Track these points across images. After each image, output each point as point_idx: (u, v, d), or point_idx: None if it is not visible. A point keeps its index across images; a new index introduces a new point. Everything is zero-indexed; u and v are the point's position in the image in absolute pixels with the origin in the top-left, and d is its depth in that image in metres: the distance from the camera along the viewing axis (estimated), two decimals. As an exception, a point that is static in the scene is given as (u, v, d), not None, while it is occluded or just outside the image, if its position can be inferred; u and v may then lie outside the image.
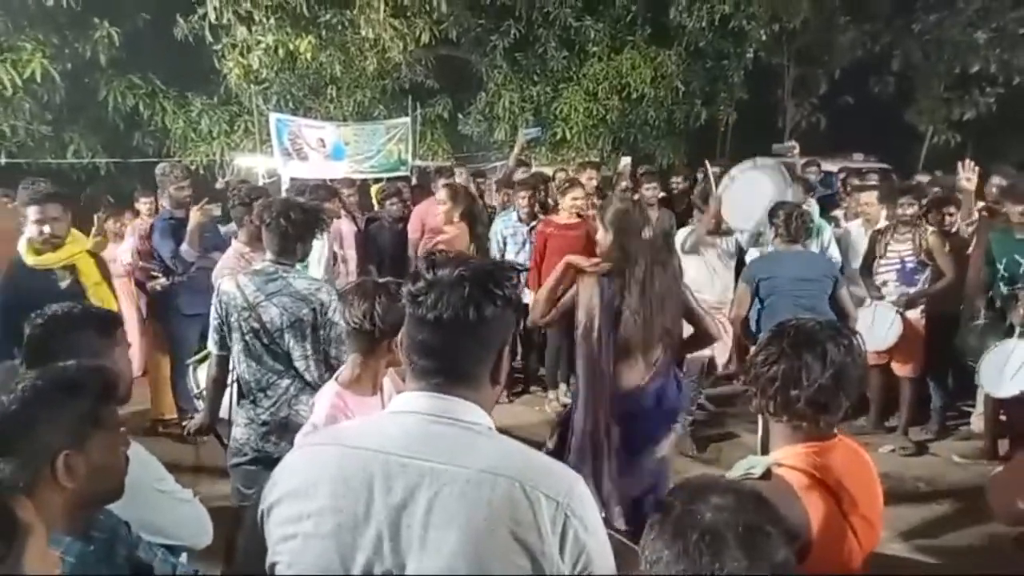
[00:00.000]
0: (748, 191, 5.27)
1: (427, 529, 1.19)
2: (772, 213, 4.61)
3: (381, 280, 2.54)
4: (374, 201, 7.58)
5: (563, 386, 5.95)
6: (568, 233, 5.55)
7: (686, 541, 1.13)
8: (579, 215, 5.65)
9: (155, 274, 5.25)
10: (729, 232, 5.47)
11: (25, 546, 1.01)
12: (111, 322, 2.14)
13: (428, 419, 1.28)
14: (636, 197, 7.05)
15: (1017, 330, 4.35)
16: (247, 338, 3.17)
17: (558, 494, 1.21)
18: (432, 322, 1.28)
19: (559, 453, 3.35)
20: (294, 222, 3.18)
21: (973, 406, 5.50)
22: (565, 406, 4.90)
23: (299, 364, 3.16)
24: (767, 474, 1.63)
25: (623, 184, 7.52)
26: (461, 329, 1.28)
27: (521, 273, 1.41)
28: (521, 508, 1.18)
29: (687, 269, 4.75)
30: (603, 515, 3.09)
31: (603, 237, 3.42)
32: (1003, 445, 5.02)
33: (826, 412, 1.70)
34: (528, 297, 4.91)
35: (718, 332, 3.62)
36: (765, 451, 1.81)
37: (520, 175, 7.51)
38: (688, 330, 3.58)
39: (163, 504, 1.93)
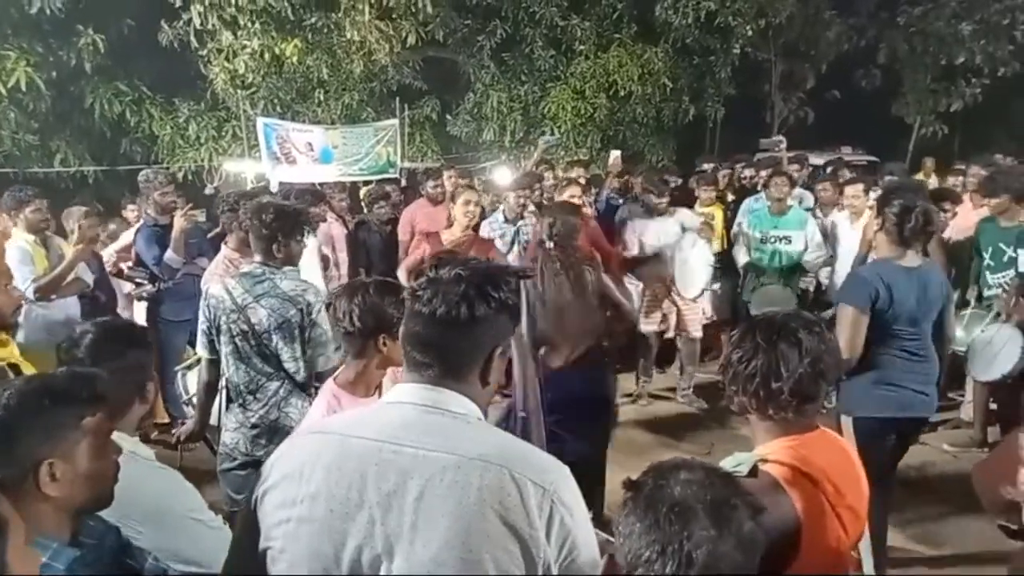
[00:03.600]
0: (692, 260, 5.67)
1: (418, 514, 1.23)
2: (885, 202, 3.42)
3: (368, 280, 2.55)
4: (363, 204, 7.57)
5: None
6: None
7: (656, 513, 1.17)
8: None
9: (140, 281, 5.23)
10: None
11: (6, 543, 1.00)
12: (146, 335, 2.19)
13: (420, 409, 1.33)
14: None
15: (1002, 317, 4.37)
16: (236, 340, 3.17)
17: (544, 481, 1.25)
18: (427, 316, 1.34)
19: None
20: (269, 223, 3.19)
21: (963, 395, 5.52)
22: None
23: (289, 366, 3.16)
24: (754, 471, 1.64)
25: (615, 183, 7.47)
26: (452, 325, 1.33)
27: (523, 279, 1.48)
28: (509, 493, 1.23)
29: None
30: None
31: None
32: (993, 433, 5.05)
33: (809, 401, 1.72)
34: None
35: (634, 313, 4.12)
36: None
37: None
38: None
39: (197, 533, 1.91)
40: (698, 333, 6.12)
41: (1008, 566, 2.43)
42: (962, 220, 5.58)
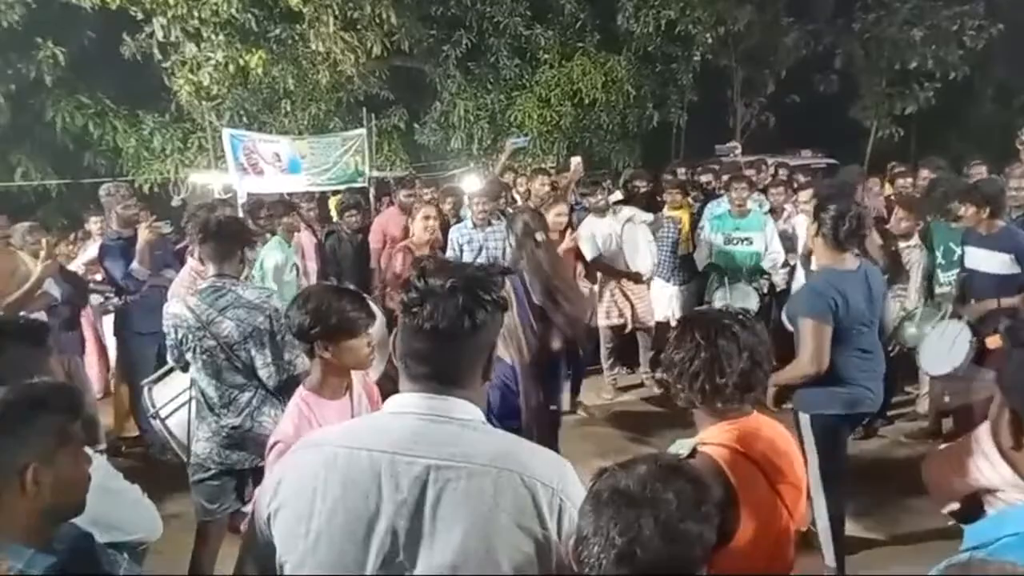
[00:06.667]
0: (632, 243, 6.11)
1: (435, 523, 1.27)
2: (820, 208, 3.55)
3: (317, 284, 2.61)
4: (333, 213, 7.59)
5: None
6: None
7: (598, 498, 1.24)
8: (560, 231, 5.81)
9: (107, 295, 5.22)
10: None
11: None
12: (42, 333, 2.21)
13: (427, 418, 1.35)
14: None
15: (950, 313, 4.54)
16: (204, 357, 3.20)
17: (552, 480, 1.31)
18: (428, 331, 1.34)
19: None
20: (217, 235, 3.25)
21: (918, 389, 5.72)
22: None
23: (262, 372, 3.20)
24: (692, 454, 1.74)
25: (579, 189, 7.58)
26: (457, 337, 1.34)
27: (506, 276, 1.52)
28: (522, 497, 1.28)
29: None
30: None
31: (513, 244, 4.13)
32: (947, 425, 5.23)
33: (750, 391, 1.83)
34: None
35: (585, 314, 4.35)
36: None
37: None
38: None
39: (116, 501, 1.99)
40: (651, 322, 6.37)
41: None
42: None
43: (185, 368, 3.39)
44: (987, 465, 1.89)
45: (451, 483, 1.28)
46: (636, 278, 6.17)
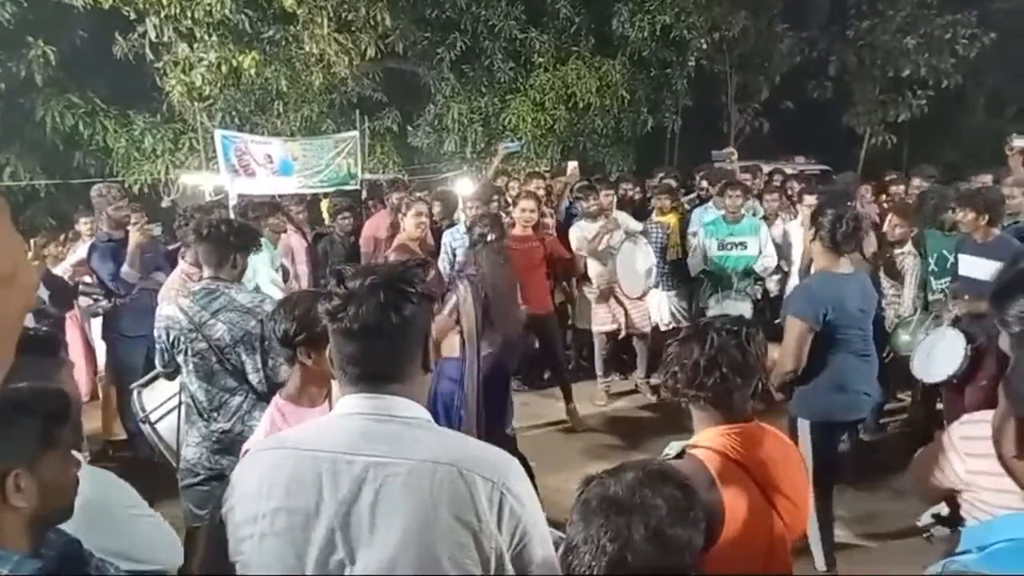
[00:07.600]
0: (629, 261, 6.00)
1: (375, 519, 1.28)
2: (819, 212, 3.63)
3: (302, 291, 2.58)
4: (324, 215, 7.54)
5: None
6: (523, 246, 5.49)
7: (587, 506, 1.25)
8: (533, 227, 5.73)
9: (96, 297, 5.16)
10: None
11: None
12: (54, 344, 2.16)
13: (369, 418, 1.36)
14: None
15: (945, 322, 4.53)
16: (195, 360, 3.17)
17: (493, 475, 1.31)
18: (357, 333, 1.35)
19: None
20: (213, 237, 3.22)
21: (911, 396, 5.71)
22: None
23: (252, 377, 3.18)
24: (680, 455, 1.72)
25: (575, 192, 7.57)
26: (386, 334, 1.35)
27: (427, 267, 1.53)
28: (460, 491, 1.28)
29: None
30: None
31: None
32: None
33: (736, 392, 1.82)
34: None
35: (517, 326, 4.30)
36: None
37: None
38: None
39: (140, 529, 1.94)
40: (646, 329, 6.34)
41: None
42: None
43: (171, 375, 3.35)
44: (948, 466, 1.89)
45: (390, 479, 1.29)
46: (625, 294, 6.17)
